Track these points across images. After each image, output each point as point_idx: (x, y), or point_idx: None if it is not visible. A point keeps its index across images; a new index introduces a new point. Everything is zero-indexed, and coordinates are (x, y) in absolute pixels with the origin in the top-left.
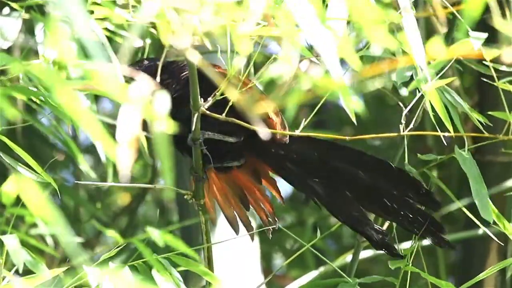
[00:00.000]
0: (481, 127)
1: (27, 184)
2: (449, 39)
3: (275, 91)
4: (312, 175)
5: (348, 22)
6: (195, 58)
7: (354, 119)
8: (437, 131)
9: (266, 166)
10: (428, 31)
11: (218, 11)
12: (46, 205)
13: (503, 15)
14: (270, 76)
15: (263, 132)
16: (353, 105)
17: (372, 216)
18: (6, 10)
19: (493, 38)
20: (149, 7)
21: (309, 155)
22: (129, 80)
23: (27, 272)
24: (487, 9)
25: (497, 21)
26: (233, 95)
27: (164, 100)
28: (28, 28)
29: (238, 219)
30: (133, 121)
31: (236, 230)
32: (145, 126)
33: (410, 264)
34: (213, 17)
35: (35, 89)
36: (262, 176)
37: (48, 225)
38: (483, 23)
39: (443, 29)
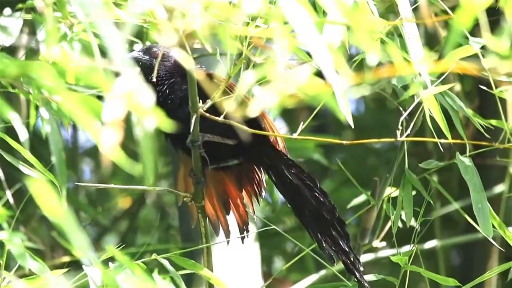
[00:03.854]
0: (482, 131)
1: (39, 184)
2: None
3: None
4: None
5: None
6: (180, 56)
7: (351, 123)
8: (437, 135)
9: (258, 168)
10: (429, 34)
11: (209, 9)
12: (58, 204)
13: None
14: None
15: (244, 135)
16: (342, 109)
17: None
18: (7, 10)
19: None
20: (140, 3)
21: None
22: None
23: (27, 273)
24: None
25: (486, 36)
26: (228, 102)
27: (149, 95)
28: (32, 30)
29: (219, 222)
30: (119, 106)
31: (217, 232)
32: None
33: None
34: (204, 16)
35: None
36: (245, 184)
37: (58, 225)
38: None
39: (444, 32)
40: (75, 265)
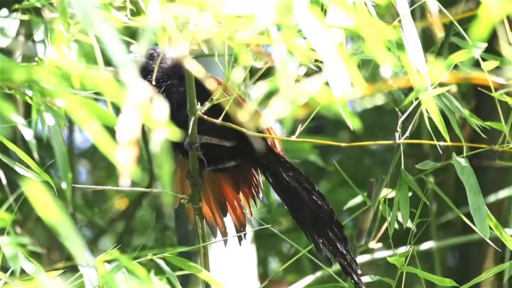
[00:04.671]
0: (479, 132)
1: (33, 186)
2: (446, 44)
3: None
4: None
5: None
6: (192, 66)
7: (353, 128)
8: (434, 136)
9: (255, 170)
10: (426, 36)
11: (217, 19)
12: (53, 206)
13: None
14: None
15: (258, 142)
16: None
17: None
18: (4, 11)
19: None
20: (155, 16)
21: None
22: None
23: (24, 272)
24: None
25: (504, 47)
26: (228, 105)
27: (163, 107)
28: (29, 31)
29: (217, 224)
30: (134, 123)
31: (214, 234)
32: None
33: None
34: (212, 25)
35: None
36: (243, 186)
37: (53, 227)
38: None
39: (441, 34)
40: (74, 268)
